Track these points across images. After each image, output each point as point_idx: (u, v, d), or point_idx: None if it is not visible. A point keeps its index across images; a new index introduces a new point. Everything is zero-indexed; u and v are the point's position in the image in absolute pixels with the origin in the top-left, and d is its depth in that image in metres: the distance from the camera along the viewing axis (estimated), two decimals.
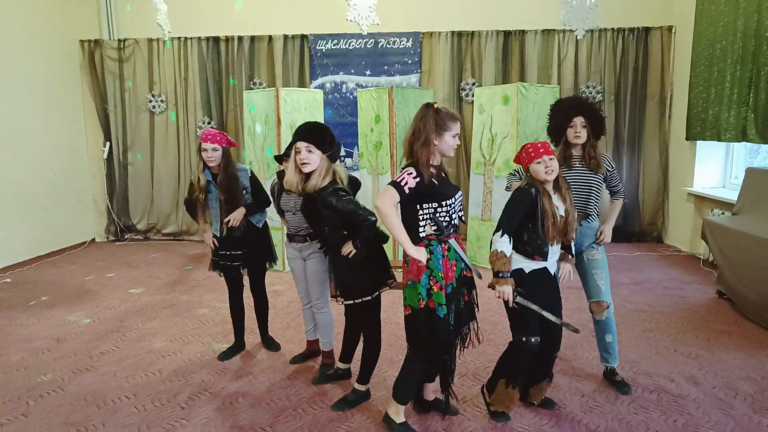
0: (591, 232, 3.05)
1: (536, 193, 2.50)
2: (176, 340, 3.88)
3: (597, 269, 3.01)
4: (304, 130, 2.82)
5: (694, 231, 6.15)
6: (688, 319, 4.14)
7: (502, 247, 2.46)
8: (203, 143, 3.29)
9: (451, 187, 2.51)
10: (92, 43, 6.94)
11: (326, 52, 6.84)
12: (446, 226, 2.43)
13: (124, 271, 5.76)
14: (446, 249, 2.45)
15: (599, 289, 2.99)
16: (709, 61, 5.66)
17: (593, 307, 3.03)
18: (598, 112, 3.05)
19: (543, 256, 2.54)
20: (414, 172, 2.38)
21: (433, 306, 2.43)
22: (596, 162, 3.00)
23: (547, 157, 2.51)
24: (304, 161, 2.75)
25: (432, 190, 2.40)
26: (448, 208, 2.44)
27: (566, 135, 3.01)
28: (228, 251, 3.48)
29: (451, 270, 2.47)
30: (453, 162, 6.87)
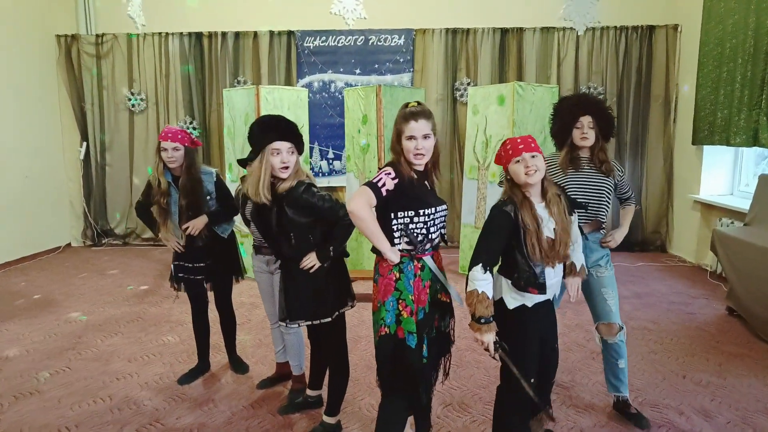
0: (598, 247, 2.71)
1: (515, 211, 2.06)
2: (135, 360, 3.53)
3: (606, 287, 2.67)
4: (282, 127, 2.45)
5: (700, 241, 5.81)
6: (697, 340, 3.80)
7: (483, 286, 2.01)
8: (162, 142, 2.97)
9: (434, 197, 2.19)
10: (69, 38, 6.60)
11: (314, 50, 6.51)
12: (421, 241, 2.09)
13: (95, 280, 5.41)
14: (419, 267, 2.11)
15: (609, 310, 2.65)
16: (717, 61, 5.33)
17: (603, 330, 2.68)
18: (607, 111, 2.72)
19: (540, 287, 2.09)
20: (392, 171, 2.07)
21: (402, 335, 2.08)
22: (608, 166, 2.68)
23: (528, 155, 2.05)
24: (287, 164, 2.42)
25: (411, 193, 2.08)
26: (425, 218, 2.10)
27: (572, 137, 2.69)
28: (188, 263, 3.14)
29: (423, 292, 2.12)
30: (446, 166, 6.54)
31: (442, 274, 2.17)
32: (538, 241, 2.05)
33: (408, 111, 2.11)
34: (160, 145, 2.97)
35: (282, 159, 2.40)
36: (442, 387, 3.08)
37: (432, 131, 2.11)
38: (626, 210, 2.94)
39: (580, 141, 2.67)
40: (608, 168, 2.68)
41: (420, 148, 2.08)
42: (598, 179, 2.67)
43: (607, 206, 2.71)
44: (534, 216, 2.07)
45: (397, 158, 2.13)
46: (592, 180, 2.67)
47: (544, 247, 2.05)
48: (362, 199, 2.00)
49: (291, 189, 2.41)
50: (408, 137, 2.08)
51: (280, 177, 2.43)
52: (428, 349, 2.13)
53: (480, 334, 2.02)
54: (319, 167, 6.70)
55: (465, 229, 5.55)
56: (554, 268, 2.13)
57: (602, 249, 2.73)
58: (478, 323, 2.02)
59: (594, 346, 3.70)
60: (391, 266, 2.11)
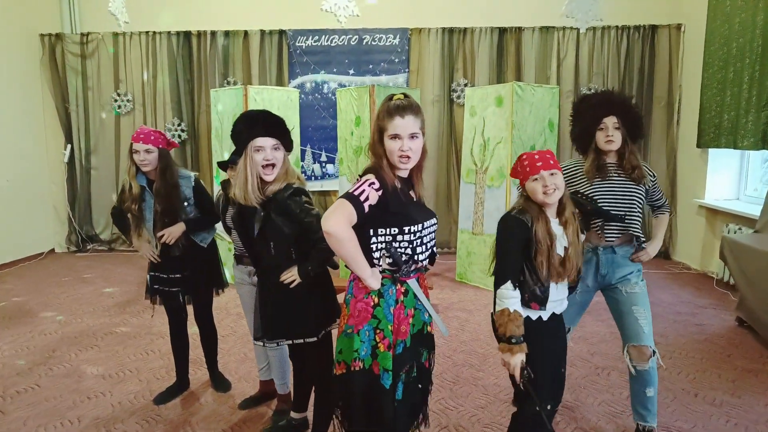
0: (626, 262, 2.46)
1: (529, 221, 1.90)
2: (110, 377, 3.30)
3: (637, 305, 2.40)
4: (265, 121, 2.24)
5: (705, 247, 5.61)
6: (708, 354, 3.59)
7: (514, 304, 1.85)
8: (134, 143, 2.75)
9: (422, 210, 1.89)
10: (53, 37, 6.39)
11: (306, 50, 6.31)
12: (406, 261, 1.80)
13: (75, 288, 5.18)
14: (402, 292, 1.82)
15: (641, 331, 2.36)
16: (724, 61, 5.14)
17: (633, 354, 2.38)
18: (634, 109, 2.47)
19: (541, 303, 1.93)
20: (375, 181, 1.76)
21: (378, 371, 1.77)
22: (640, 172, 2.42)
23: (547, 173, 1.90)
24: (271, 162, 2.19)
25: (395, 207, 1.78)
26: (412, 236, 1.79)
27: (596, 140, 2.43)
28: (164, 274, 2.92)
29: (405, 322, 1.82)
30: (443, 169, 6.33)
31: (427, 301, 1.89)
32: (548, 260, 1.88)
33: (393, 105, 1.79)
34: (132, 146, 2.76)
35: (265, 156, 2.19)
36: (437, 407, 2.87)
37: (420, 130, 1.82)
38: (660, 219, 2.68)
39: (605, 145, 2.40)
40: (640, 174, 2.42)
41: (406, 149, 1.77)
42: (628, 188, 2.41)
43: (640, 217, 2.45)
44: (549, 232, 1.90)
45: (379, 162, 1.81)
46: (622, 189, 2.40)
47: (554, 264, 1.89)
48: (341, 216, 1.68)
49: (278, 192, 2.20)
50: (392, 136, 1.78)
51: (265, 177, 2.21)
52: (404, 392, 1.82)
53: (511, 355, 1.83)
54: (312, 170, 6.49)
55: (462, 235, 5.34)
56: (557, 284, 1.96)
57: (632, 263, 2.48)
58: (508, 343, 1.83)
59: (598, 360, 3.49)
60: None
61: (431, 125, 6.31)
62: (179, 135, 6.46)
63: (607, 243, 2.44)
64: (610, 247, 2.44)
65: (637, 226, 2.44)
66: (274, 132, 2.24)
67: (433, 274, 5.55)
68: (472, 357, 3.52)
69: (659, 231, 2.66)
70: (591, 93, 2.57)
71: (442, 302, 4.69)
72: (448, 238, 6.42)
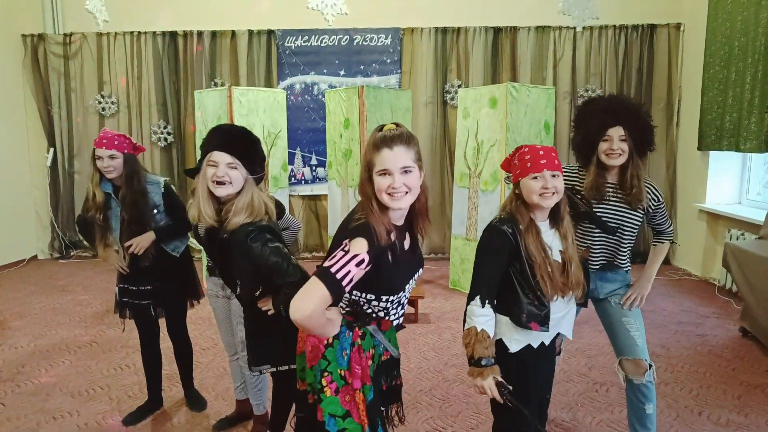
0: (617, 277, 2.31)
1: (515, 233, 1.70)
2: (79, 395, 3.11)
3: (628, 317, 2.25)
4: (224, 135, 2.03)
5: (707, 253, 5.44)
6: (712, 367, 3.41)
7: (482, 323, 1.67)
8: (97, 149, 2.57)
9: (410, 265, 1.66)
10: (35, 37, 6.20)
11: (296, 50, 6.13)
12: (368, 316, 1.64)
13: (54, 297, 4.99)
14: (359, 335, 1.63)
15: (634, 344, 2.20)
16: (725, 60, 4.98)
17: (628, 368, 2.23)
18: (645, 119, 2.20)
19: (542, 322, 1.73)
20: (366, 258, 1.46)
21: (322, 418, 1.58)
22: (638, 193, 2.16)
23: (549, 174, 1.70)
24: (221, 179, 1.94)
25: (384, 274, 1.54)
26: (388, 304, 1.62)
27: (597, 152, 2.18)
28: (133, 286, 2.73)
29: (364, 363, 1.62)
30: (436, 173, 6.15)
31: (384, 334, 1.71)
32: (549, 274, 1.68)
33: (380, 136, 1.54)
34: (94, 152, 2.57)
35: (217, 173, 1.94)
36: (425, 427, 2.68)
37: (415, 163, 1.55)
38: (657, 249, 2.40)
39: (607, 159, 2.15)
40: (638, 197, 2.17)
41: (397, 186, 1.50)
42: (623, 213, 2.19)
43: (630, 245, 2.26)
44: (541, 244, 1.71)
45: (368, 204, 1.54)
46: (616, 215, 2.19)
47: (556, 277, 1.70)
48: (314, 305, 1.41)
49: (240, 228, 1.92)
50: (380, 172, 1.52)
51: (215, 192, 1.96)
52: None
53: (481, 379, 1.65)
54: (302, 174, 6.31)
55: (456, 241, 5.16)
56: (566, 297, 1.76)
57: (620, 278, 2.31)
58: (477, 366, 1.66)
59: (597, 375, 3.31)
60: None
61: (424, 127, 6.14)
62: (165, 138, 6.28)
63: (590, 267, 2.28)
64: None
65: (623, 258, 2.27)
66: (234, 149, 1.98)
67: (425, 281, 5.37)
68: (464, 372, 3.33)
69: (653, 265, 2.40)
70: (597, 97, 2.28)
71: (434, 311, 4.51)
72: (442, 243, 6.24)
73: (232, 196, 1.99)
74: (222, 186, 1.97)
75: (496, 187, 4.63)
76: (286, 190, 5.47)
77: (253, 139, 2.12)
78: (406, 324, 4.16)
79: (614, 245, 2.25)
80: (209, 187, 1.98)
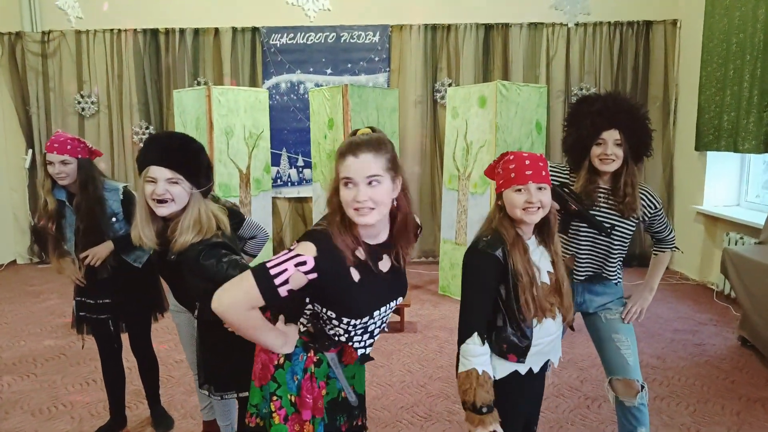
0: (607, 290, 2.14)
1: (505, 255, 1.52)
2: (41, 413, 2.94)
3: (618, 333, 2.09)
4: (162, 147, 1.78)
5: (704, 256, 5.28)
6: (709, 380, 3.25)
7: (482, 363, 1.49)
8: (48, 154, 2.40)
9: (382, 290, 1.46)
10: (13, 35, 6.01)
11: (281, 48, 5.95)
12: (329, 339, 1.46)
13: (27, 304, 4.80)
14: (314, 360, 1.46)
15: (624, 363, 2.04)
16: (723, 58, 4.82)
17: (618, 388, 2.06)
18: (643, 123, 2.03)
19: (521, 353, 1.56)
20: (309, 260, 1.33)
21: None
22: (631, 201, 2.00)
23: (535, 186, 1.52)
24: (162, 197, 1.71)
25: (337, 295, 1.39)
26: (351, 328, 1.44)
27: (590, 155, 2.02)
28: (91, 299, 2.56)
29: (317, 393, 1.45)
30: (426, 175, 5.97)
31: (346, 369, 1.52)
32: (533, 296, 1.51)
33: (346, 141, 1.39)
34: (45, 157, 2.40)
35: (156, 190, 1.71)
36: None
37: (386, 172, 1.36)
38: (658, 259, 2.25)
39: (601, 164, 1.99)
40: (631, 206, 2.01)
41: (361, 200, 1.32)
42: (612, 222, 2.03)
43: (620, 256, 2.10)
44: (530, 263, 1.54)
45: (332, 217, 1.40)
46: (605, 223, 2.03)
47: (540, 300, 1.53)
48: (235, 295, 1.32)
49: (190, 247, 1.71)
50: (344, 181, 1.35)
51: (157, 211, 1.74)
52: None
53: (482, 429, 1.45)
54: (288, 176, 6.13)
55: (445, 245, 4.99)
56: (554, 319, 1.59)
57: (610, 291, 2.15)
58: (478, 413, 1.46)
59: (589, 389, 3.15)
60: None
61: (413, 127, 5.96)
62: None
63: (575, 278, 2.11)
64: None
65: (613, 266, 2.10)
66: (173, 162, 1.74)
67: (414, 287, 5.19)
68: (450, 386, 3.16)
69: (654, 276, 2.25)
70: (592, 95, 2.09)
71: (422, 319, 4.34)
72: (432, 247, 6.06)
73: (177, 214, 1.76)
74: (163, 204, 1.73)
75: (486, 189, 4.46)
76: (269, 193, 5.30)
77: (195, 148, 1.87)
78: (392, 333, 4.03)
79: (603, 254, 2.09)
80: (151, 204, 1.75)
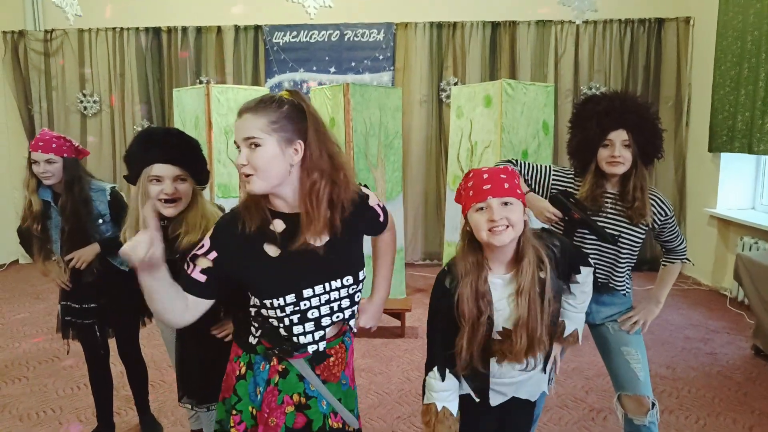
0: (615, 300, 2.03)
1: (452, 288, 1.40)
2: (28, 417, 2.87)
3: (628, 346, 1.96)
4: (164, 143, 1.72)
5: (718, 261, 5.12)
6: (721, 392, 3.11)
7: (444, 398, 1.41)
8: (33, 152, 2.32)
9: (311, 263, 1.29)
10: (16, 34, 5.98)
11: (284, 46, 5.86)
12: (282, 339, 1.30)
13: (26, 305, 4.76)
14: (278, 370, 1.32)
15: (634, 377, 1.92)
16: (738, 56, 4.66)
17: (628, 405, 1.94)
18: (652, 122, 1.90)
19: (478, 392, 1.47)
20: (207, 241, 1.28)
21: None
22: (641, 207, 1.88)
23: (497, 202, 1.34)
24: (173, 197, 1.68)
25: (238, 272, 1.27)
26: (285, 316, 1.28)
27: (597, 158, 1.91)
28: (76, 304, 2.48)
29: (277, 412, 1.30)
30: (432, 176, 5.86)
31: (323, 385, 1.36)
32: (469, 342, 1.37)
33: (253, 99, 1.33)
34: (30, 156, 2.33)
35: (164, 189, 1.68)
36: None
37: (267, 134, 1.23)
38: (667, 270, 2.13)
39: (609, 167, 1.87)
40: (640, 212, 1.88)
41: (241, 164, 1.24)
42: (620, 229, 1.91)
43: (629, 264, 1.99)
44: (482, 301, 1.36)
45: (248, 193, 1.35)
46: (613, 230, 1.91)
47: (487, 345, 1.40)
48: None
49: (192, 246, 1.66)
50: (236, 145, 1.29)
51: (165, 212, 1.70)
52: None
53: None
54: None
55: (449, 248, 4.88)
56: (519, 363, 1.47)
57: (618, 302, 2.03)
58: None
59: (594, 400, 3.02)
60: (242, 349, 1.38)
61: (418, 127, 5.85)
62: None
63: None
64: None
65: (620, 278, 1.98)
66: (178, 158, 1.71)
67: (417, 290, 5.08)
68: None
69: (663, 287, 2.12)
70: (598, 95, 1.98)
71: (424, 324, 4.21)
72: (438, 249, 5.95)
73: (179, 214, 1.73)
74: (172, 204, 1.70)
75: None
76: None
77: (195, 143, 1.84)
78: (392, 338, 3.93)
79: (610, 262, 1.97)
80: (157, 207, 1.68)
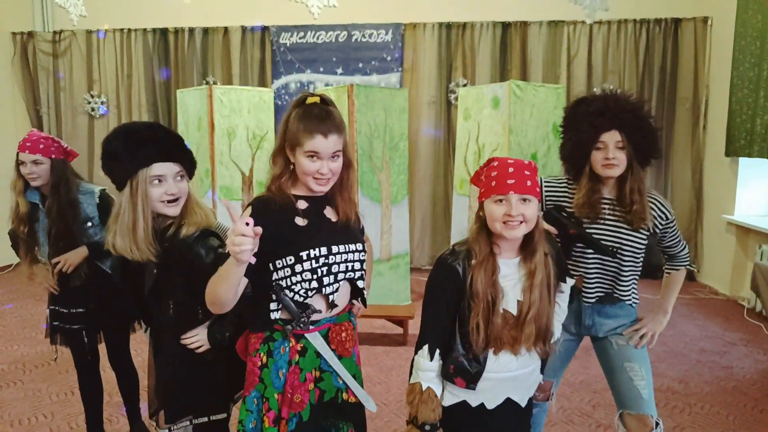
0: (620, 312, 1.92)
1: (465, 269, 1.37)
2: (19, 423, 2.82)
3: (631, 362, 1.85)
4: (161, 140, 1.64)
5: (736, 270, 4.93)
6: (737, 408, 2.95)
7: (429, 379, 1.39)
8: (20, 153, 2.28)
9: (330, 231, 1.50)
10: (25, 35, 6.01)
11: (291, 47, 5.80)
12: (303, 310, 1.40)
13: (27, 307, 4.74)
14: (297, 349, 1.42)
15: (637, 395, 1.81)
16: (756, 57, 4.49)
17: (630, 424, 1.83)
18: (646, 122, 1.82)
19: (470, 380, 1.39)
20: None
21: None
22: (640, 210, 1.79)
23: (517, 198, 1.35)
24: (176, 196, 1.63)
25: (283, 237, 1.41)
26: (318, 268, 1.41)
27: (591, 161, 1.82)
28: (64, 308, 2.42)
29: (302, 389, 1.41)
30: (440, 178, 5.75)
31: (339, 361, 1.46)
32: (486, 322, 1.34)
33: (315, 114, 1.45)
34: (18, 156, 2.28)
35: (168, 190, 1.60)
36: None
37: (343, 145, 1.51)
38: (671, 278, 2.03)
39: (603, 170, 1.79)
40: (639, 216, 1.79)
41: (325, 172, 1.46)
42: (621, 235, 1.82)
43: (633, 272, 1.87)
44: (493, 284, 1.35)
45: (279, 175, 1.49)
46: (613, 237, 1.82)
47: (496, 329, 1.35)
48: None
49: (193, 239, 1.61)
50: (309, 154, 1.44)
51: (169, 212, 1.62)
52: None
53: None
54: None
55: None
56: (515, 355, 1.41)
57: (623, 314, 1.91)
58: (420, 429, 1.36)
59: (602, 415, 2.90)
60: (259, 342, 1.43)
61: (426, 129, 5.75)
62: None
63: (584, 300, 1.89)
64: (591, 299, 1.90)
65: (625, 288, 1.87)
66: (175, 153, 1.65)
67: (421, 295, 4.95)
68: None
69: (668, 297, 2.02)
70: (590, 96, 1.89)
71: None
72: None
73: None
74: (176, 203, 1.64)
75: None
76: None
77: (179, 136, 1.78)
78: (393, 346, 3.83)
79: (613, 273, 1.86)
80: (160, 209, 1.61)
